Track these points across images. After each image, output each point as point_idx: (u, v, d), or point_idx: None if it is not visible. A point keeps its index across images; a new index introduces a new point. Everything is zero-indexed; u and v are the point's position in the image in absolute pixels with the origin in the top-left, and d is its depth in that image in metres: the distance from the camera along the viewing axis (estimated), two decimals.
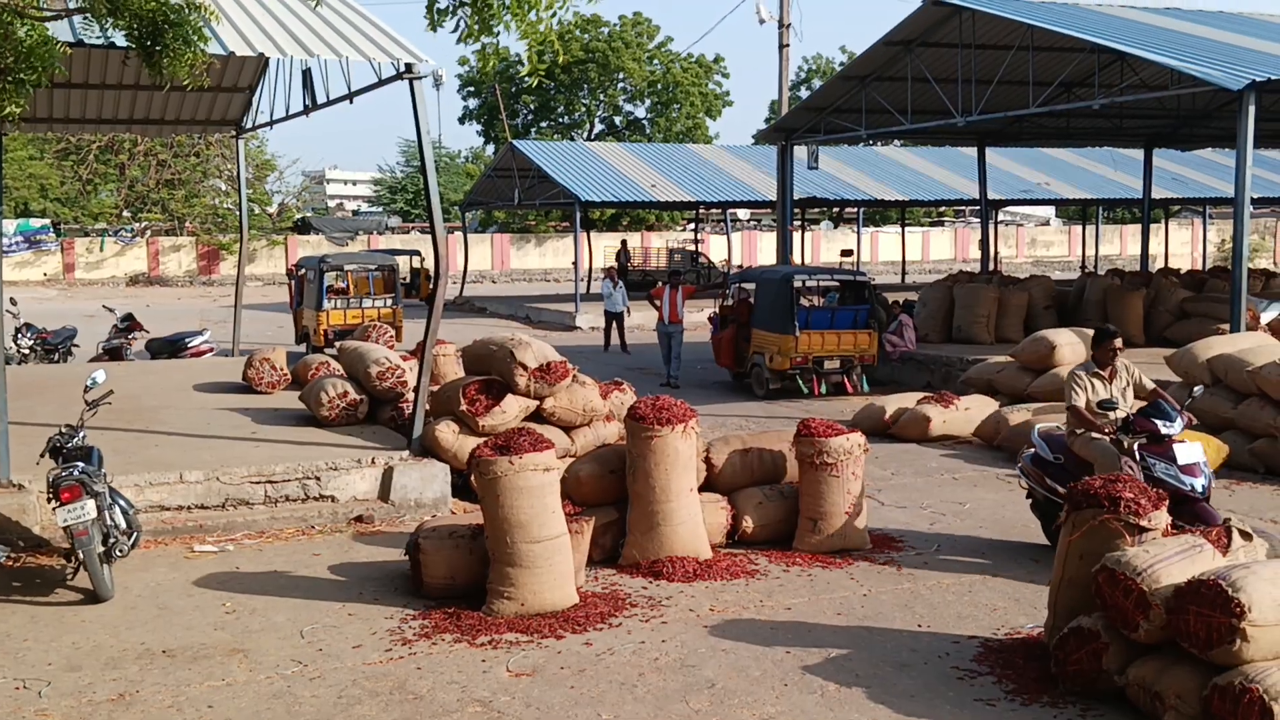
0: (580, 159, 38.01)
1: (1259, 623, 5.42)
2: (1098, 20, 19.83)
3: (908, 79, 21.53)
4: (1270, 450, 11.84)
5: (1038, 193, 40.98)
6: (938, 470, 12.47)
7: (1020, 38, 19.46)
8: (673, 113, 65.70)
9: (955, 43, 20.34)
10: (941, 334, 20.97)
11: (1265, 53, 17.92)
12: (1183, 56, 16.75)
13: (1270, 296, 20.33)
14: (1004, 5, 19.69)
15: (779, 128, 25.39)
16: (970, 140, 29.73)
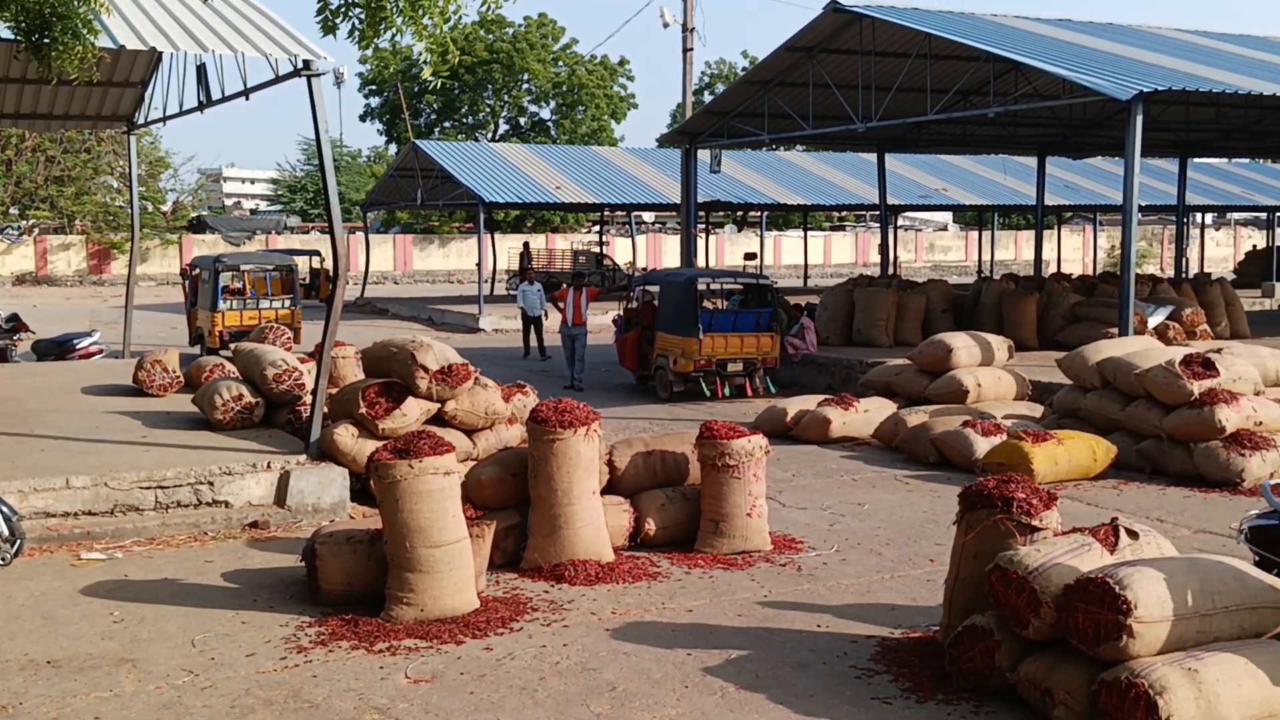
0: (484, 160, 37.78)
1: (1145, 619, 5.56)
2: (993, 30, 20.28)
3: (809, 85, 21.80)
4: (1156, 451, 12.19)
5: (936, 198, 41.79)
6: (838, 471, 12.62)
7: (919, 46, 19.82)
8: (578, 115, 65.66)
9: (856, 50, 20.65)
10: (842, 337, 21.25)
11: (1152, 64, 18.51)
12: (1074, 67, 17.21)
13: (1157, 301, 20.95)
14: (903, 14, 20.04)
15: (683, 131, 25.52)
16: (870, 146, 30.20)
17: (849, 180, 41.35)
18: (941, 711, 6.08)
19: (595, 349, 21.62)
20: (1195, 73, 17.96)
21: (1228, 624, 5.81)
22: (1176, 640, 5.66)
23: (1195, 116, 24.48)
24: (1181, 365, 12.07)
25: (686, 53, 26.91)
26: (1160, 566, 5.89)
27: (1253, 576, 6.03)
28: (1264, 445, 11.64)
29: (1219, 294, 22.82)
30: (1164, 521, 10.13)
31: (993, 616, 6.24)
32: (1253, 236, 62.88)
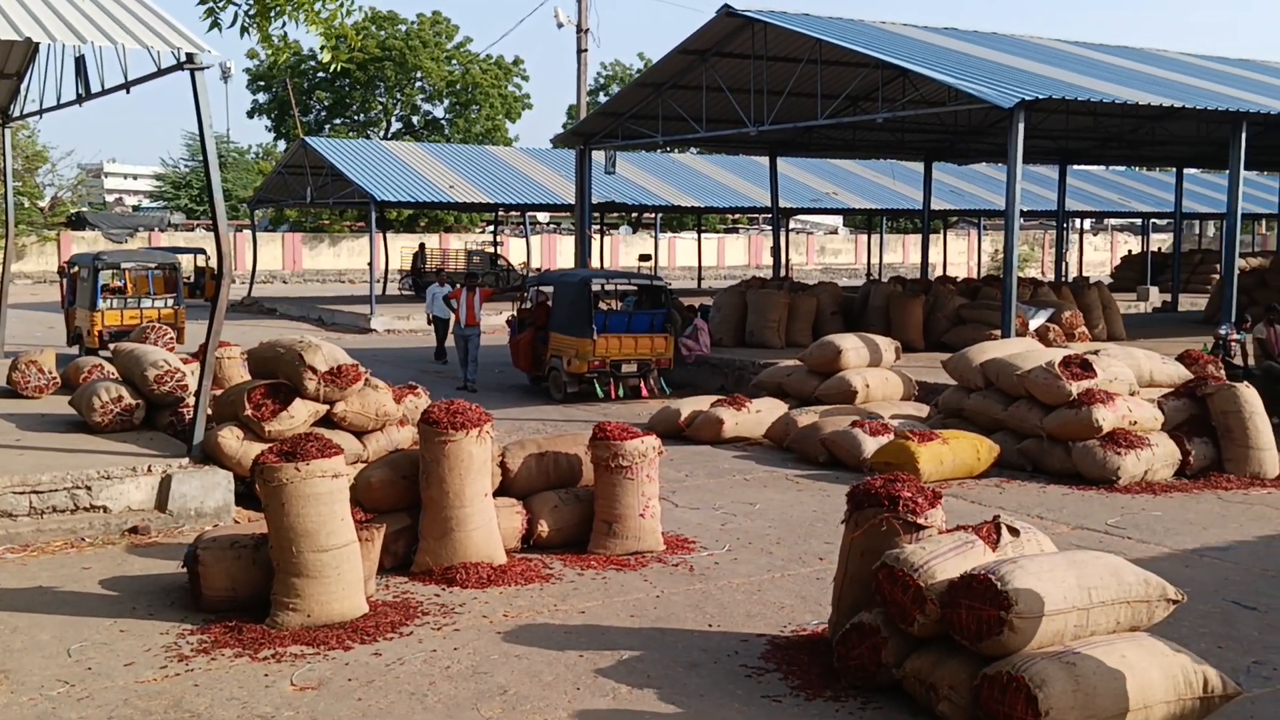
0: (376, 158, 37.26)
1: (1025, 615, 5.70)
2: (882, 37, 20.65)
3: (703, 88, 21.95)
4: (1037, 450, 12.52)
5: (826, 202, 42.40)
6: (730, 471, 12.72)
7: (810, 51, 20.08)
8: (472, 114, 65.14)
9: (748, 54, 20.85)
10: (735, 338, 21.43)
11: (1034, 73, 19.02)
12: (959, 75, 17.60)
13: (1038, 304, 21.54)
14: (794, 19, 20.29)
15: (577, 132, 25.49)
16: (763, 150, 30.53)
17: (742, 183, 41.74)
18: (830, 708, 6.16)
19: (489, 350, 21.47)
20: (1074, 82, 18.51)
21: (1104, 618, 5.99)
22: (1056, 635, 5.82)
23: (1074, 125, 25.25)
24: (1061, 366, 12.42)
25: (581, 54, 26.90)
26: (1040, 563, 6.05)
27: (1128, 571, 6.22)
28: (1138, 444, 12.03)
29: (1097, 297, 23.55)
30: (1044, 518, 10.40)
31: (879, 614, 6.34)
32: (1128, 242, 65.04)
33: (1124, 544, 9.48)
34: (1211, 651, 6.70)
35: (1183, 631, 6.86)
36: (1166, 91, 19.06)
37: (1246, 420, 12.35)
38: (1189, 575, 8.42)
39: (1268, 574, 8.75)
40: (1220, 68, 24.02)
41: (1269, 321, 16.70)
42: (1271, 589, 8.37)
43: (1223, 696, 5.88)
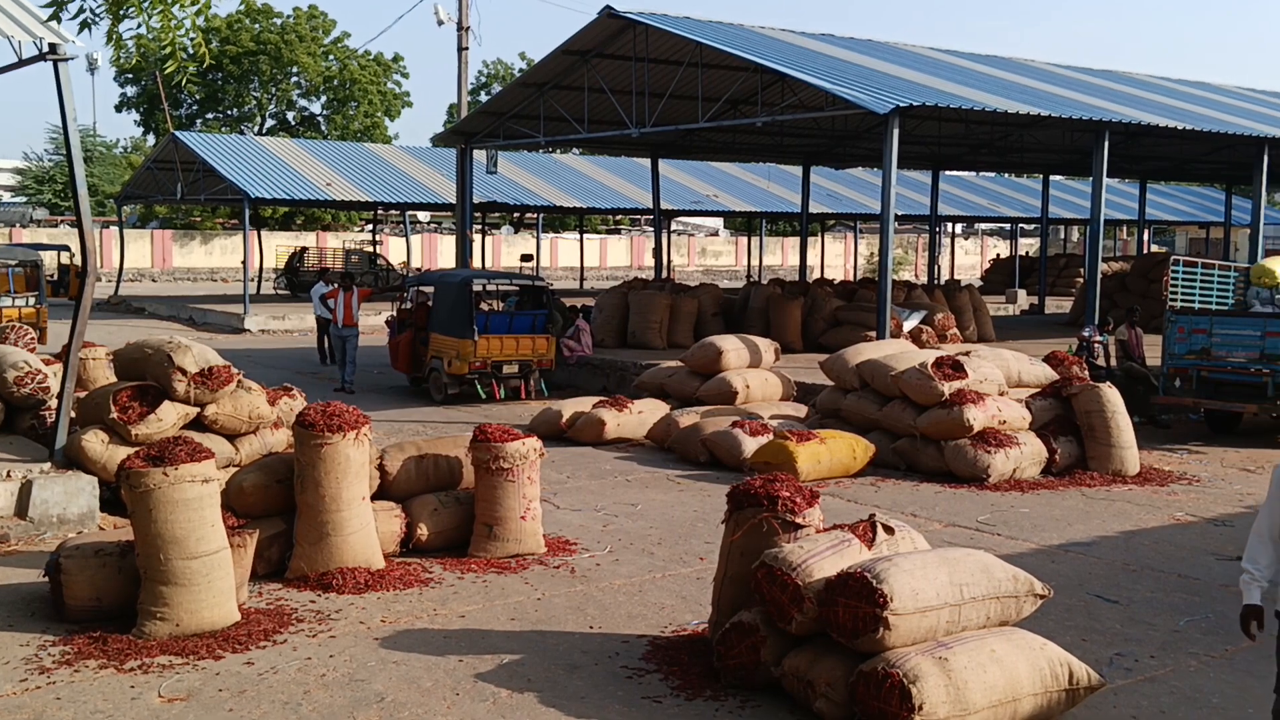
0: (250, 154, 36.41)
1: (899, 611, 5.81)
2: (762, 42, 20.89)
3: (585, 89, 21.95)
4: (911, 449, 12.80)
5: (707, 204, 42.78)
6: (612, 472, 12.73)
7: (691, 55, 20.23)
8: (350, 110, 64.11)
9: (630, 56, 20.91)
10: (617, 339, 21.47)
11: (909, 80, 19.45)
12: (837, 80, 17.90)
13: (912, 306, 22.04)
14: (676, 22, 20.41)
15: (458, 131, 25.27)
16: (645, 151, 30.65)
17: (624, 184, 41.87)
18: (710, 708, 6.20)
19: (368, 351, 21.14)
20: (947, 89, 18.97)
21: (975, 613, 6.14)
22: (929, 631, 5.94)
23: (947, 131, 25.90)
24: (933, 367, 12.71)
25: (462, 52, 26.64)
26: (914, 560, 6.17)
27: (997, 568, 6.38)
28: (1007, 443, 12.38)
29: (968, 300, 24.19)
30: (918, 516, 10.63)
31: (759, 612, 6.40)
32: (998, 246, 67.00)
33: (994, 540, 9.74)
34: (1076, 644, 6.91)
35: (1049, 625, 7.06)
36: (1034, 101, 19.67)
37: (1109, 419, 12.80)
38: (1055, 570, 8.68)
39: (1129, 568, 9.08)
40: (1085, 78, 24.88)
41: (1130, 324, 17.35)
42: (1132, 583, 8.68)
43: (1087, 688, 6.07)
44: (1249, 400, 14.71)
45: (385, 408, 16.77)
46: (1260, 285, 15.57)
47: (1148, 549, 9.67)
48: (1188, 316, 15.31)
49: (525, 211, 42.53)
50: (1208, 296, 15.82)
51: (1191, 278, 15.85)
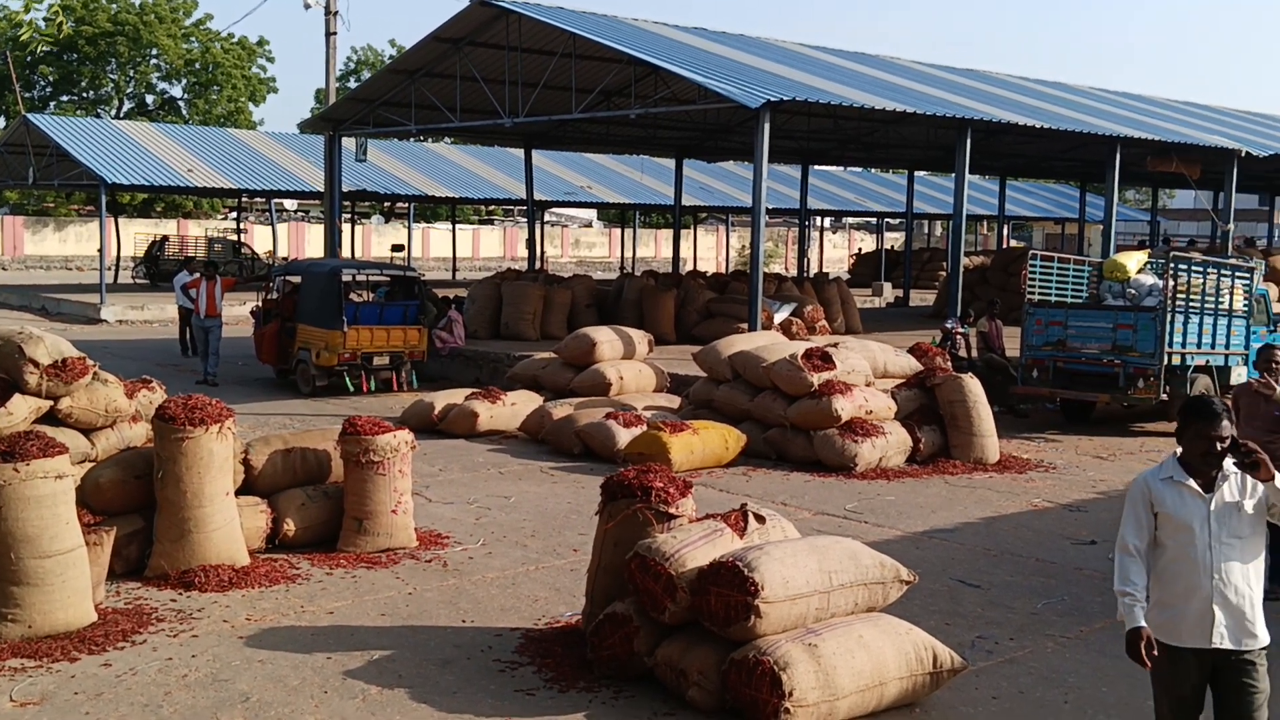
0: (107, 138, 35.11)
1: (770, 599, 5.89)
2: (635, 34, 20.93)
3: (457, 77, 21.69)
4: (782, 439, 12.99)
5: (581, 195, 42.73)
6: (485, 465, 12.64)
7: (564, 45, 20.16)
8: (212, 95, 62.21)
9: (504, 44, 20.74)
10: (490, 330, 21.32)
11: (779, 75, 19.71)
12: (709, 74, 18.04)
13: (782, 299, 22.34)
14: (549, 12, 20.32)
15: (326, 117, 24.75)
16: (518, 142, 30.48)
17: (497, 175, 41.55)
18: (583, 699, 6.19)
19: (231, 342, 20.60)
20: (816, 85, 19.28)
21: (844, 600, 6.26)
22: (799, 617, 6.03)
23: (816, 127, 26.32)
24: (803, 359, 12.91)
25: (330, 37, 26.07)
26: (784, 549, 6.26)
27: (865, 555, 6.51)
28: (874, 432, 12.64)
29: (836, 292, 24.64)
30: (788, 505, 10.79)
31: (632, 603, 6.42)
32: (864, 240, 68.38)
33: (861, 528, 9.94)
34: (940, 628, 7.10)
35: (914, 610, 7.23)
36: (900, 98, 20.11)
37: (971, 409, 13.17)
38: (919, 556, 8.90)
39: (989, 553, 9.36)
40: (949, 77, 25.54)
41: (990, 316, 17.89)
42: (993, 567, 8.95)
43: (950, 671, 6.24)
44: (1102, 390, 15.29)
45: (250, 400, 16.36)
46: (1112, 279, 16.17)
47: (1007, 534, 9.99)
48: (1044, 309, 15.84)
49: (396, 201, 41.91)
50: (1063, 290, 16.39)
51: (1048, 272, 16.41)
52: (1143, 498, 4.62)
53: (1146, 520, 4.60)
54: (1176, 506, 4.54)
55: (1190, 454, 4.56)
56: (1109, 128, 21.76)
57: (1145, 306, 15.30)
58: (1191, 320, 15.10)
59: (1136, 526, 4.61)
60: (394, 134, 28.39)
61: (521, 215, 59.06)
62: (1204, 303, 15.27)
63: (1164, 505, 4.56)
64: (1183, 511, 4.53)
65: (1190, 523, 4.51)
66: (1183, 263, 15.48)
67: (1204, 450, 4.50)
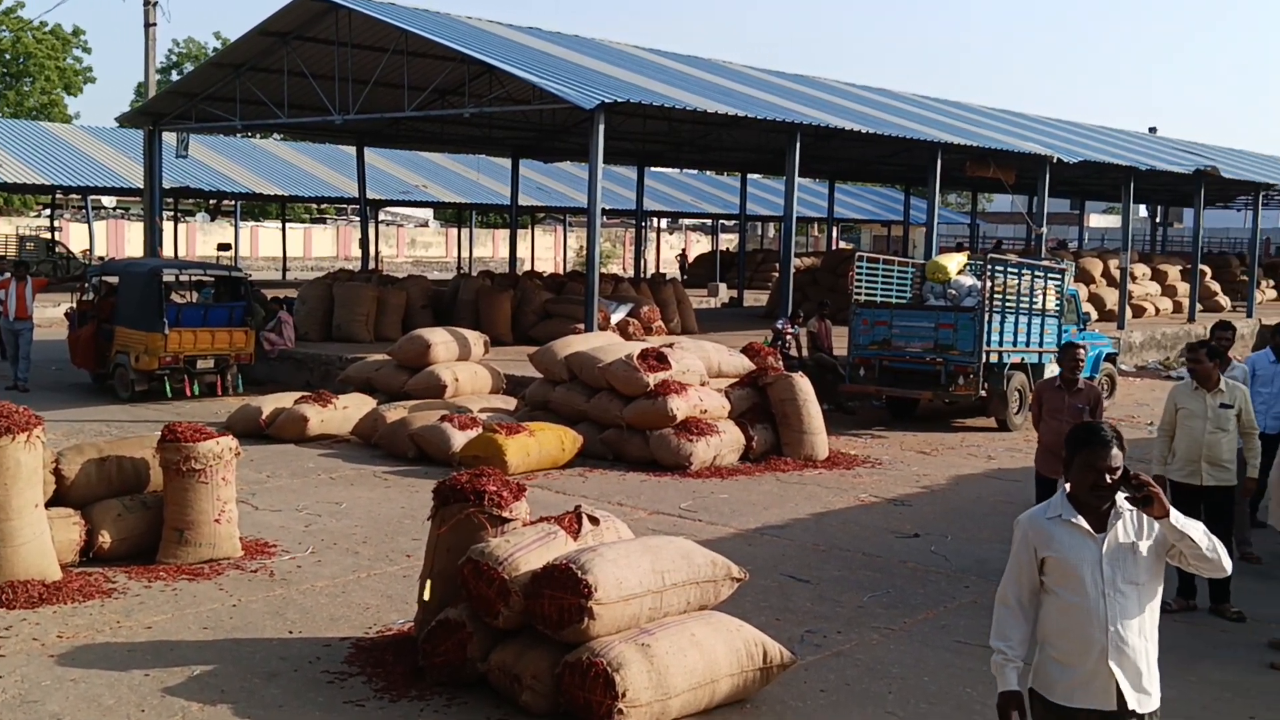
0: None
1: (604, 600, 5.89)
2: (469, 32, 20.73)
3: (285, 72, 21.13)
4: (618, 439, 13.04)
5: (416, 195, 42.16)
6: (315, 470, 12.34)
7: (397, 42, 19.83)
8: (24, 86, 59.20)
9: (333, 40, 20.28)
10: (321, 332, 20.85)
11: (614, 77, 19.79)
12: (544, 74, 17.99)
13: (619, 299, 22.43)
14: (380, 8, 19.96)
15: (146, 111, 23.79)
16: (350, 139, 29.86)
17: (329, 172, 40.66)
18: (415, 708, 6.09)
19: (44, 345, 19.63)
20: (651, 88, 19.43)
21: (676, 599, 6.31)
22: (632, 618, 6.06)
23: (651, 129, 26.53)
24: (639, 359, 13.00)
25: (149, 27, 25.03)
26: (618, 550, 6.28)
27: (697, 553, 6.58)
28: (709, 431, 12.81)
29: (672, 293, 24.87)
30: (624, 505, 10.83)
31: (465, 608, 6.35)
32: (700, 241, 69.28)
33: (695, 526, 10.06)
34: (770, 624, 7.22)
35: (745, 607, 7.34)
36: (733, 102, 20.43)
37: (801, 407, 13.46)
38: (751, 553, 9.05)
39: (818, 549, 9.58)
40: (780, 81, 26.07)
41: (820, 316, 18.33)
42: (822, 562, 9.16)
43: (780, 666, 6.36)
44: (925, 388, 15.82)
45: (64, 407, 15.62)
46: (934, 280, 16.75)
47: (836, 530, 10.24)
48: (870, 310, 16.31)
49: (222, 198, 40.63)
50: (888, 291, 16.90)
51: (874, 273, 16.89)
52: (1024, 541, 4.09)
53: (1028, 566, 4.06)
54: (1065, 548, 3.99)
55: (1078, 487, 4.02)
56: (931, 134, 22.53)
57: (965, 307, 15.89)
58: (1008, 320, 15.75)
59: (1016, 574, 4.10)
60: (218, 129, 27.50)
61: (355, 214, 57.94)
62: (1019, 303, 15.94)
63: (1051, 548, 4.01)
64: (1072, 554, 3.98)
65: (1080, 568, 3.97)
66: (999, 264, 16.13)
67: (1092, 482, 3.97)
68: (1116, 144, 32.26)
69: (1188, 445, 8.23)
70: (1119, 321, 25.80)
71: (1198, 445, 8.19)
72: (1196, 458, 8.19)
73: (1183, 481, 8.22)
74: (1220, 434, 8.19)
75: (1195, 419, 8.22)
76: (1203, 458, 8.18)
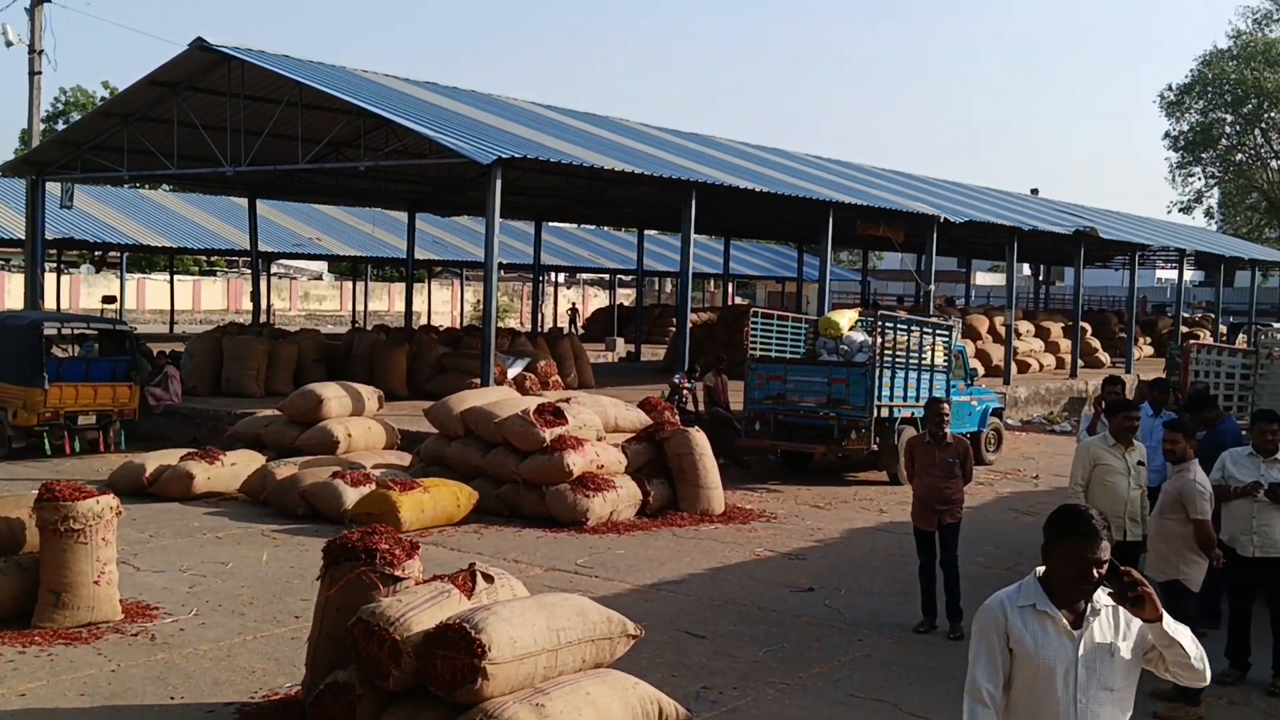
0: None
1: (498, 660, 5.81)
2: (365, 86, 20.65)
3: (175, 122, 20.77)
4: (514, 495, 12.94)
5: (310, 247, 41.62)
6: (201, 529, 12.00)
7: (291, 94, 19.65)
8: None
9: (225, 91, 20.01)
10: (210, 387, 20.39)
11: (512, 132, 19.86)
12: (440, 129, 17.98)
13: (516, 353, 22.35)
14: (272, 59, 19.77)
15: (29, 160, 23.18)
16: (242, 191, 29.43)
17: (220, 224, 39.95)
18: None
19: None
20: (548, 144, 19.52)
21: (572, 657, 6.25)
22: (527, 677, 5.98)
23: (549, 184, 26.65)
24: (535, 414, 12.95)
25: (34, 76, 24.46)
26: (512, 608, 6.20)
27: (593, 610, 6.54)
28: (605, 486, 12.79)
29: (569, 348, 24.88)
30: (519, 561, 10.74)
31: (355, 670, 6.21)
32: (599, 295, 69.54)
33: (592, 582, 10.00)
34: (666, 681, 7.19)
35: (641, 663, 7.31)
36: (629, 159, 20.62)
37: (698, 462, 13.53)
38: (648, 609, 9.02)
39: (715, 604, 9.59)
40: (676, 140, 26.41)
41: (716, 371, 18.48)
42: (718, 617, 9.17)
43: None
44: (819, 442, 16.02)
45: None
46: (827, 336, 17.03)
47: (732, 584, 10.26)
48: (766, 364, 16.51)
49: (108, 250, 39.61)
50: (783, 346, 17.12)
51: (769, 328, 17.12)
52: (996, 627, 3.66)
53: (1002, 656, 3.64)
54: (1037, 644, 3.61)
55: (1059, 577, 3.62)
56: (824, 193, 23.00)
57: (856, 362, 16.18)
58: (898, 375, 16.07)
59: (990, 665, 3.66)
60: (105, 180, 26.90)
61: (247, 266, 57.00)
62: (909, 358, 16.28)
63: (1022, 641, 3.62)
64: (1045, 651, 3.60)
65: (1053, 667, 3.58)
66: (889, 321, 16.47)
67: (1077, 574, 3.58)
68: (1000, 205, 33.30)
69: (1111, 502, 8.08)
70: (1005, 377, 26.48)
71: (1121, 502, 8.15)
72: (1121, 514, 8.10)
73: None
74: (1139, 490, 8.28)
75: (1118, 476, 8.20)
76: (1126, 514, 8.16)
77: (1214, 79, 52.78)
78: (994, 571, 10.73)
